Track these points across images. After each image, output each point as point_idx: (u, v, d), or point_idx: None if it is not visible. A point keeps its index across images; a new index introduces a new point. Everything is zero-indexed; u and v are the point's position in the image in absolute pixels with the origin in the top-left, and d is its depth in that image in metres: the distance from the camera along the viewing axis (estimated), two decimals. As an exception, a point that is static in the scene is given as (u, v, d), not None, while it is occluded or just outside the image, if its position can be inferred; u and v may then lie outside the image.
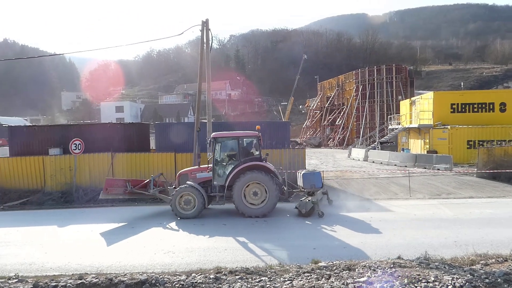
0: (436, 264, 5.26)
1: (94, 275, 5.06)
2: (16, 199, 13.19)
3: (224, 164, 10.41)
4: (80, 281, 4.73)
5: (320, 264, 5.48)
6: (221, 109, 61.16)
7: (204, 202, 9.81)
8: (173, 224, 9.31)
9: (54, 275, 5.64)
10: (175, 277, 4.88)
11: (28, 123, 53.08)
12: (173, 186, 10.68)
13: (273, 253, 6.85)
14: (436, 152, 20.99)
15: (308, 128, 52.89)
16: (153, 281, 4.65)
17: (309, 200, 9.89)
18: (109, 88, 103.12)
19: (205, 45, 14.14)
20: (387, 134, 30.97)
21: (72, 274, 5.58)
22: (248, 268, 5.26)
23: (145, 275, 4.96)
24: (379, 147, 27.69)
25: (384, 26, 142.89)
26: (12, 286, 4.80)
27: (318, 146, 43.94)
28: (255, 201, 9.84)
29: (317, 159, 25.83)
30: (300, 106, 70.98)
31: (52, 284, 4.68)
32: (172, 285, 4.62)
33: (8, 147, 17.97)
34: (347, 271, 5.07)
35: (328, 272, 5.03)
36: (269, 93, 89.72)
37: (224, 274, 4.96)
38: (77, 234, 8.75)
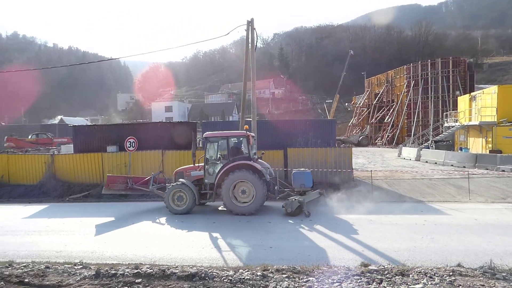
0: (504, 274, 4.76)
1: (148, 266, 5.37)
2: (79, 192, 14.43)
3: (214, 163, 10.62)
4: (136, 270, 5.03)
5: (370, 267, 5.25)
6: (265, 107, 61.37)
7: (195, 199, 10.23)
8: (218, 221, 9.54)
9: (113, 263, 6.09)
10: (223, 272, 5.00)
11: (88, 123, 57.85)
12: (171, 184, 11.02)
13: (326, 253, 6.70)
14: (500, 152, 19.07)
15: (354, 126, 51.06)
16: (203, 275, 4.80)
17: (295, 199, 9.78)
18: (159, 89, 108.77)
19: (250, 44, 14.29)
20: (442, 132, 28.82)
21: (129, 263, 5.98)
22: (295, 267, 5.21)
23: (195, 268, 5.15)
24: (434, 146, 25.86)
25: (440, 16, 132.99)
26: (77, 271, 5.26)
27: (362, 145, 42.08)
28: (243, 199, 10.05)
29: (364, 158, 24.84)
30: (346, 104, 68.79)
31: (112, 271, 5.05)
32: (221, 280, 4.73)
33: (72, 145, 19.75)
34: (400, 277, 4.80)
35: (379, 277, 4.80)
36: (313, 91, 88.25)
37: (271, 272, 4.96)
38: (132, 226, 9.33)
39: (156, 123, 20.88)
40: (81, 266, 5.52)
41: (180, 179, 10.76)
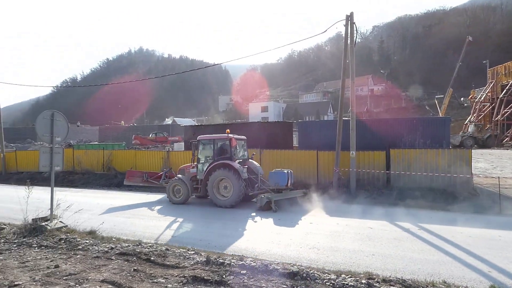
0: None
1: (251, 259, 5.65)
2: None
3: (203, 162, 12.27)
4: (241, 262, 5.36)
5: (501, 292, 4.41)
6: (363, 106, 57.98)
7: (188, 192, 12.14)
8: (317, 222, 9.42)
9: (219, 252, 6.61)
10: (324, 274, 4.90)
11: (195, 123, 64.38)
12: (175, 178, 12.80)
13: (441, 269, 5.96)
14: None
15: (472, 123, 43.88)
16: (304, 275, 4.80)
17: (264, 196, 10.89)
18: (255, 90, 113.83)
19: (349, 40, 13.68)
20: None
21: (233, 254, 6.41)
22: (405, 280, 4.75)
23: (295, 267, 5.19)
24: None
25: None
26: (190, 256, 5.89)
27: (488, 146, 35.64)
28: (225, 194, 11.57)
29: (487, 162, 21.12)
30: (462, 99, 59.55)
31: (220, 260, 5.49)
32: (323, 282, 4.64)
33: (183, 143, 22.30)
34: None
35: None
36: (419, 86, 79.38)
37: (377, 282, 4.63)
38: (233, 219, 9.95)
39: (254, 123, 21.88)
40: (193, 252, 6.15)
41: (179, 175, 12.78)
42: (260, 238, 7.88)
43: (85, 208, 10.85)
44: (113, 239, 7.46)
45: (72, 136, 53.24)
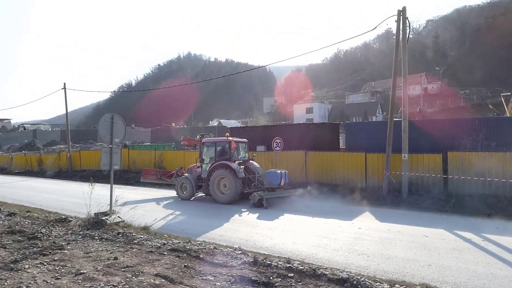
0: None
1: (299, 262, 5.58)
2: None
3: (207, 162, 13.39)
4: (288, 265, 5.31)
5: None
6: (415, 105, 54.51)
7: (193, 189, 13.51)
8: (366, 227, 9.05)
9: (265, 254, 6.63)
10: (376, 283, 4.66)
11: (239, 125, 65.49)
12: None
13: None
14: None
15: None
16: (355, 282, 4.62)
17: (257, 194, 11.64)
18: (300, 91, 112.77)
19: (401, 35, 12.99)
20: None
21: (279, 256, 6.39)
22: (467, 296, 4.36)
23: (345, 273, 5.02)
24: None
25: None
26: (238, 256, 5.98)
27: None
28: (224, 192, 12.59)
29: None
30: (532, 96, 53.38)
31: (267, 262, 5.50)
32: (374, 291, 4.44)
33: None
34: None
35: None
36: (480, 83, 72.83)
37: (436, 295, 4.31)
38: (278, 221, 9.94)
39: (299, 124, 21.70)
40: (241, 252, 6.24)
41: (186, 174, 14.27)
42: (307, 242, 7.76)
43: (140, 205, 11.57)
44: (165, 235, 7.84)
45: (127, 137, 57.14)
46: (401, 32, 12.99)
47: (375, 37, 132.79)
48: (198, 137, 48.03)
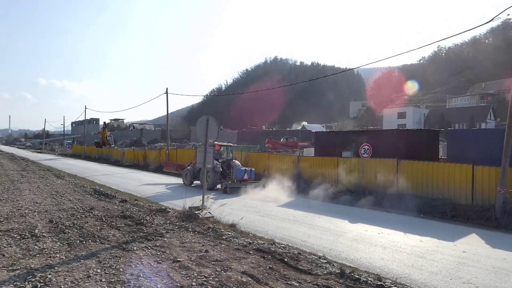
0: None
1: (391, 281, 5.13)
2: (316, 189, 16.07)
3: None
4: (379, 282, 4.93)
5: None
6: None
7: (191, 178, 17.92)
8: (473, 252, 7.86)
9: (353, 267, 6.29)
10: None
11: (324, 129, 64.14)
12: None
13: None
14: None
15: None
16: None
17: (224, 183, 16.30)
18: (392, 95, 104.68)
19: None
20: None
21: (367, 271, 5.99)
22: None
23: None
24: None
25: None
26: (323, 264, 5.82)
27: None
28: (208, 180, 15.80)
29: None
30: None
31: (355, 275, 5.21)
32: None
33: (313, 148, 22.49)
34: None
35: None
36: None
37: None
38: (365, 233, 9.34)
39: (391, 130, 20.16)
40: (326, 261, 6.06)
41: (189, 167, 18.27)
42: (398, 259, 7.11)
43: (228, 203, 12.26)
44: (250, 234, 8.13)
45: (217, 138, 61.27)
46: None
47: (487, 31, 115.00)
48: (282, 140, 48.80)
